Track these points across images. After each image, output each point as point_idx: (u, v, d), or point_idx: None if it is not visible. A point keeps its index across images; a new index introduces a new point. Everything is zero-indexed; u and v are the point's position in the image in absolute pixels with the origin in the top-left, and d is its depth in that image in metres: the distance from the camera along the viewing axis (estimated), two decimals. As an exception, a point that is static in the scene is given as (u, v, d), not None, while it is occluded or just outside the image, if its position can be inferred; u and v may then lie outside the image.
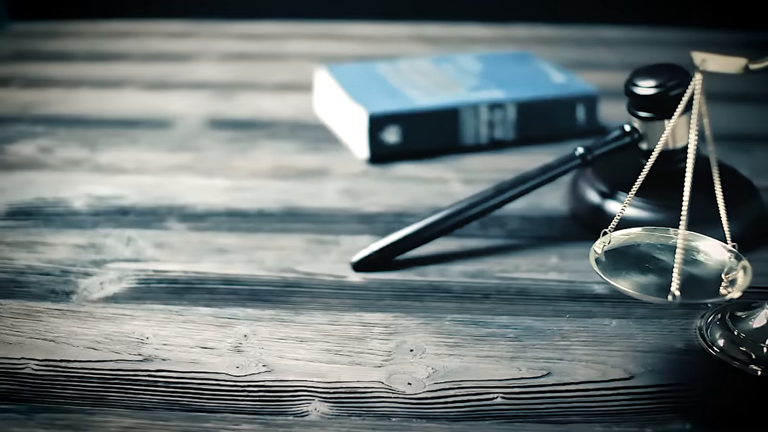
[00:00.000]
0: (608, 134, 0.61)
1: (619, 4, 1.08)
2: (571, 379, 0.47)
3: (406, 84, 0.75)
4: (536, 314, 0.52)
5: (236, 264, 0.57)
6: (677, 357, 0.49)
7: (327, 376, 0.47)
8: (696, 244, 0.48)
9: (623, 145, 0.61)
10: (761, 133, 0.78)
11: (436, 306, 0.53)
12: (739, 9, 1.05)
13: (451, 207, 0.58)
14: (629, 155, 0.64)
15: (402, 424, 0.44)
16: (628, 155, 0.64)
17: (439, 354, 0.49)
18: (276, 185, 0.67)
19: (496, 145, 0.74)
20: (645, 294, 0.44)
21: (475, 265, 0.57)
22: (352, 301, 0.53)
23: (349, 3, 1.10)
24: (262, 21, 1.08)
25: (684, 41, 1.05)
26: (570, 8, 1.09)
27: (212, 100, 0.84)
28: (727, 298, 0.44)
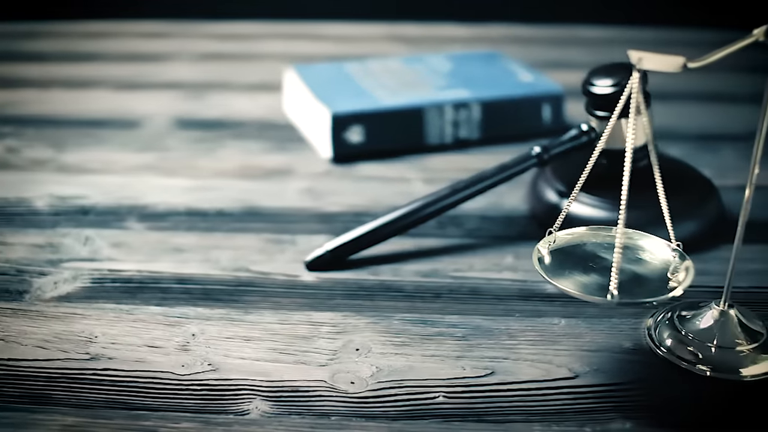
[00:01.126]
0: (565, 134, 0.61)
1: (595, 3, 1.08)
2: (515, 379, 0.47)
3: (373, 84, 0.76)
4: (486, 314, 0.52)
5: (191, 263, 0.57)
6: (624, 357, 0.49)
7: (271, 375, 0.47)
8: (640, 244, 0.48)
9: (580, 145, 0.61)
10: (730, 132, 0.78)
11: (387, 305, 0.53)
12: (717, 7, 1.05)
13: (406, 206, 0.58)
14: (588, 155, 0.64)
15: (341, 422, 0.44)
16: (588, 155, 0.64)
17: (384, 353, 0.49)
18: (238, 185, 0.67)
19: (461, 145, 0.74)
20: (585, 293, 0.44)
21: (430, 264, 0.57)
22: (302, 301, 0.53)
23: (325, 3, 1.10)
24: (239, 21, 1.08)
25: (659, 40, 1.05)
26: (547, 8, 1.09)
27: (182, 100, 0.84)
28: (668, 297, 0.43)
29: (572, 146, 0.61)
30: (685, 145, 0.76)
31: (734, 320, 0.50)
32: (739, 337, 0.49)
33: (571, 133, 0.61)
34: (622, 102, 0.43)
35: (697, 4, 1.05)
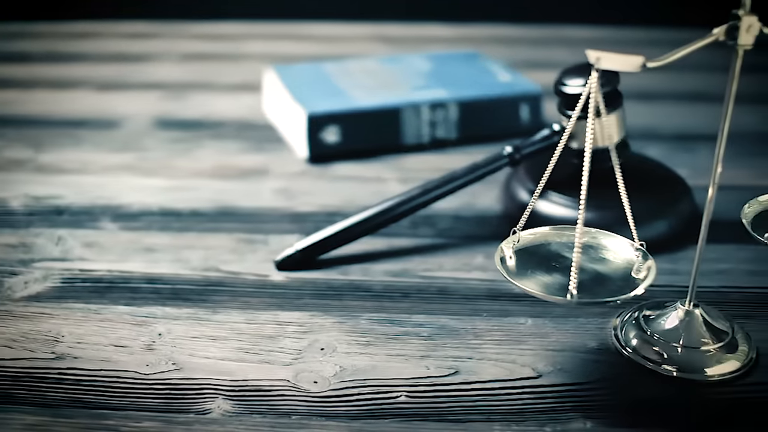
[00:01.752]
0: (537, 133, 0.61)
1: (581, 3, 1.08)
2: (478, 378, 0.47)
3: (351, 84, 0.76)
4: (453, 313, 0.52)
5: (162, 263, 0.57)
6: (588, 356, 0.49)
7: (235, 375, 0.47)
8: (604, 243, 0.47)
9: (552, 145, 0.61)
10: (708, 132, 0.78)
11: (355, 305, 0.53)
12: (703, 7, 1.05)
13: (376, 206, 0.58)
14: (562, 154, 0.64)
15: (301, 422, 0.44)
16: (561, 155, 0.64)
17: (349, 353, 0.49)
18: (214, 185, 0.67)
19: (438, 145, 0.74)
20: (546, 293, 0.43)
21: (400, 264, 0.57)
22: (271, 300, 0.53)
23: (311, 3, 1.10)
24: (223, 21, 1.08)
25: (645, 40, 1.05)
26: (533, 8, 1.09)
27: (163, 101, 0.84)
28: (629, 296, 0.43)
29: (544, 146, 0.61)
30: (663, 145, 0.76)
31: (699, 320, 0.49)
32: (705, 337, 0.49)
33: (542, 133, 0.61)
34: (581, 103, 0.43)
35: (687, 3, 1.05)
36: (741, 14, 0.42)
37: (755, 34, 0.43)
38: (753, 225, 0.50)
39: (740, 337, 0.50)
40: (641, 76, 0.95)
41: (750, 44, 0.43)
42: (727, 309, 0.53)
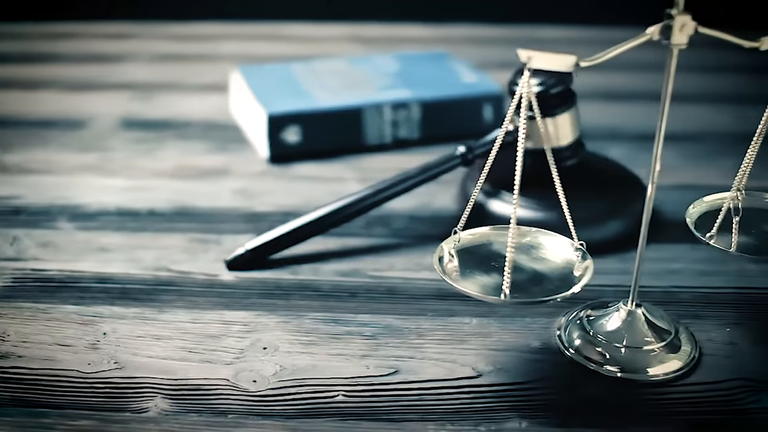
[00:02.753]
0: (490, 133, 0.61)
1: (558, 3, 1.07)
2: (417, 378, 0.47)
3: (315, 84, 0.76)
4: (399, 313, 0.52)
5: (114, 263, 0.57)
6: (530, 356, 0.49)
7: (175, 374, 0.47)
8: (544, 243, 0.47)
9: (505, 144, 0.61)
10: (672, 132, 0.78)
11: (301, 305, 0.53)
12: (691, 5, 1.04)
13: (327, 206, 0.58)
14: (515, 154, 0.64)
15: (237, 421, 0.44)
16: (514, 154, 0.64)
17: (291, 352, 0.49)
18: (174, 185, 0.67)
19: (400, 145, 0.74)
20: (483, 293, 0.43)
21: (350, 264, 0.57)
22: (218, 300, 0.53)
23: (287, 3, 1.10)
24: (199, 22, 1.08)
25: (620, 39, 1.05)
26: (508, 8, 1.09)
27: (131, 101, 0.84)
28: (564, 296, 0.43)
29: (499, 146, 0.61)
30: (626, 145, 0.75)
31: (642, 320, 0.49)
32: (647, 337, 0.49)
33: (495, 132, 0.62)
34: (514, 102, 0.43)
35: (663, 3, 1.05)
36: (674, 13, 0.43)
37: (689, 33, 0.43)
38: (698, 225, 0.50)
39: (684, 336, 0.50)
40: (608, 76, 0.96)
41: (684, 43, 0.43)
42: (675, 309, 0.53)
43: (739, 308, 0.53)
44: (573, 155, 0.62)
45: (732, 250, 0.47)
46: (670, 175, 0.70)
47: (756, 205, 0.52)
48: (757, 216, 0.51)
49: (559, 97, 0.59)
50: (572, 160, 0.61)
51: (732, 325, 0.52)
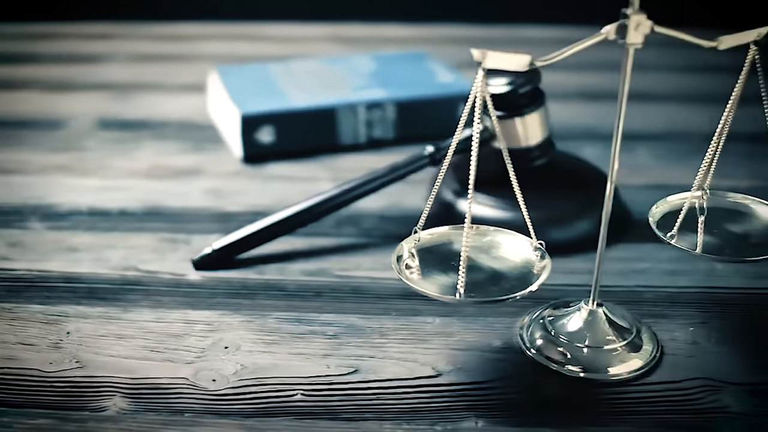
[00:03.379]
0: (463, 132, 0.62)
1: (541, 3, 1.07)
2: (377, 377, 0.47)
3: (291, 85, 0.76)
4: (363, 312, 0.52)
5: (83, 263, 0.57)
6: (491, 356, 0.49)
7: (136, 373, 0.47)
8: (504, 242, 0.47)
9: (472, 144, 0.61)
10: (648, 132, 0.78)
11: (266, 304, 0.53)
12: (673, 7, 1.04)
13: (294, 206, 0.58)
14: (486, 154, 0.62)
15: (194, 419, 0.44)
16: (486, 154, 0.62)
17: (252, 351, 0.49)
18: (147, 185, 0.67)
19: (375, 145, 0.74)
20: (439, 292, 0.43)
21: (317, 263, 0.57)
22: (183, 299, 0.53)
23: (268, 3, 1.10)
24: (181, 22, 1.08)
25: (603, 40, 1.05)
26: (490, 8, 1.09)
27: (110, 101, 0.84)
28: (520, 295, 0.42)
29: (465, 146, 0.61)
30: (602, 144, 0.75)
31: (603, 319, 0.49)
32: (609, 336, 0.49)
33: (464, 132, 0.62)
34: (469, 102, 0.43)
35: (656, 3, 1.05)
36: (629, 13, 0.43)
37: (645, 32, 0.43)
38: (662, 225, 0.50)
39: (646, 336, 0.50)
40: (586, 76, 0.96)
41: (639, 43, 0.43)
42: (640, 308, 0.53)
43: (704, 308, 0.53)
44: (543, 155, 0.62)
45: (694, 250, 0.47)
46: (642, 174, 0.70)
47: (720, 205, 0.52)
48: (721, 215, 0.52)
49: (527, 97, 0.59)
50: (542, 160, 0.61)
51: (697, 324, 0.52)
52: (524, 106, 0.59)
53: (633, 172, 0.71)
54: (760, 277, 0.56)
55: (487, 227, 0.48)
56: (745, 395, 0.46)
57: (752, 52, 0.46)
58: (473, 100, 0.43)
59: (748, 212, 0.51)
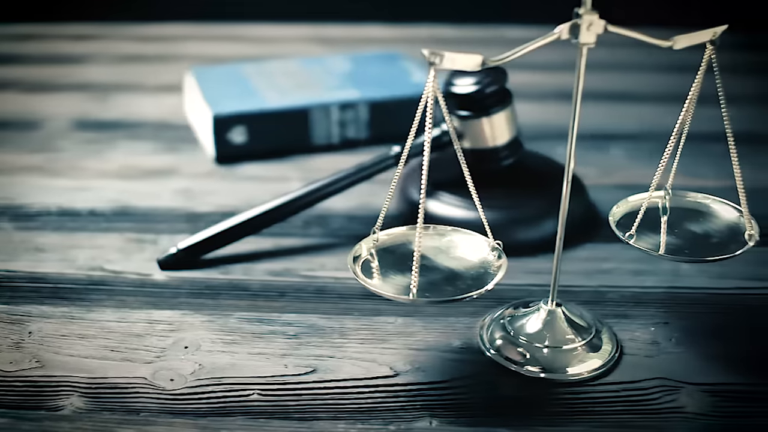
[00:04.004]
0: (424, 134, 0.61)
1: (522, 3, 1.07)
2: (334, 377, 0.47)
3: (266, 85, 0.76)
4: (325, 312, 0.52)
5: (49, 263, 0.57)
6: (450, 356, 0.49)
7: (95, 372, 0.47)
8: (461, 242, 0.47)
9: (441, 144, 0.61)
10: (622, 131, 0.77)
11: (228, 304, 0.53)
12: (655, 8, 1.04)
13: (260, 207, 0.58)
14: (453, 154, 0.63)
15: (148, 419, 0.44)
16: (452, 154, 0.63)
17: (212, 351, 0.49)
18: (118, 185, 0.67)
19: (348, 145, 0.74)
20: (393, 292, 0.43)
21: (283, 263, 0.57)
22: (147, 299, 0.53)
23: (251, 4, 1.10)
24: (163, 23, 1.07)
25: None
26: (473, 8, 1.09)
27: (88, 102, 0.84)
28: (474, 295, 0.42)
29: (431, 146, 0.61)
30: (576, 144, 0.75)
31: (561, 319, 0.49)
32: (567, 336, 0.49)
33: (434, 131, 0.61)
34: (422, 103, 0.43)
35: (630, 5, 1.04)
36: (581, 12, 0.43)
37: (598, 32, 0.43)
38: (622, 225, 0.49)
39: (606, 336, 0.50)
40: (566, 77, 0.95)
41: (592, 42, 0.43)
42: (603, 309, 0.53)
43: (668, 308, 0.53)
44: (510, 155, 0.62)
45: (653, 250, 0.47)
46: (615, 174, 0.70)
47: (681, 205, 0.52)
48: (682, 215, 0.51)
49: (494, 97, 0.59)
50: (509, 160, 0.61)
51: (659, 324, 0.52)
52: (491, 106, 0.59)
53: (606, 172, 0.71)
54: (726, 277, 0.56)
55: (444, 227, 0.49)
56: (702, 395, 0.46)
57: (708, 51, 0.47)
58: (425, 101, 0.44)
59: (709, 212, 0.51)
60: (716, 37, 0.46)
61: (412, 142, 0.61)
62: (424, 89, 0.43)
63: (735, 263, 0.57)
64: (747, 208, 0.48)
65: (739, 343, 0.50)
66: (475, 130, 0.60)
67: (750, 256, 0.59)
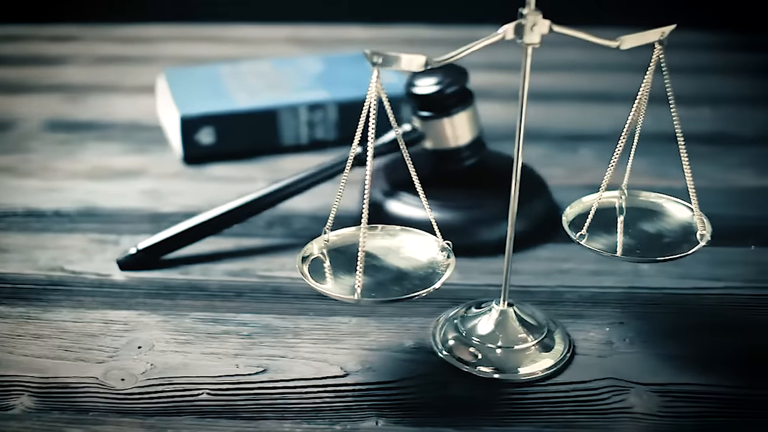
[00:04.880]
0: (387, 134, 0.60)
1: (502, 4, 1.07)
2: (284, 377, 0.47)
3: (237, 86, 0.75)
4: (280, 312, 0.52)
5: (10, 263, 0.57)
6: (402, 356, 0.49)
7: (48, 372, 0.47)
8: (410, 242, 0.47)
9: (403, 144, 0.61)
10: (593, 132, 0.77)
11: (185, 304, 0.53)
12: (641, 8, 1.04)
13: (220, 207, 0.58)
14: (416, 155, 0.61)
15: (97, 418, 0.44)
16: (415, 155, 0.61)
17: (165, 351, 0.49)
18: (86, 186, 0.67)
19: (317, 146, 0.74)
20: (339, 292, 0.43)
21: (243, 263, 0.57)
22: (105, 299, 0.54)
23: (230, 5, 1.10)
24: (142, 24, 1.07)
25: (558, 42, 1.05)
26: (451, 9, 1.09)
27: (62, 103, 0.84)
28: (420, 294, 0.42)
29: (393, 146, 0.60)
30: (546, 145, 0.75)
31: (513, 319, 0.49)
32: (519, 336, 0.49)
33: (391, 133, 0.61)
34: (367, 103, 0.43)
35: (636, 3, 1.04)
36: (525, 12, 0.43)
37: (543, 32, 0.43)
38: (575, 225, 0.49)
39: (558, 336, 0.50)
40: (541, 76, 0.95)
41: (536, 42, 0.43)
42: (558, 309, 0.53)
43: (624, 308, 0.53)
44: (472, 155, 0.62)
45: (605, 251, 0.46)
46: (583, 175, 0.70)
47: (636, 205, 0.52)
48: (636, 215, 0.51)
49: (455, 97, 0.59)
50: (471, 160, 0.62)
51: (614, 324, 0.52)
52: (452, 107, 0.59)
53: (574, 172, 0.71)
54: (685, 277, 0.56)
55: (394, 227, 0.49)
56: (651, 396, 0.46)
57: (656, 51, 0.47)
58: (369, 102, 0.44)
59: (662, 211, 0.51)
60: (664, 37, 0.46)
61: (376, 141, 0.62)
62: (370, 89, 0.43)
63: (695, 263, 0.58)
64: (698, 207, 0.48)
65: (692, 344, 0.50)
66: (436, 131, 0.60)
67: (710, 255, 0.59)
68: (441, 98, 0.59)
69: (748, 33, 1.03)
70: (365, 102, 0.43)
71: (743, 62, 0.96)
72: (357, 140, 0.44)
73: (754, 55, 0.98)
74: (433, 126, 0.60)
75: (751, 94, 0.87)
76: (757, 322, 0.52)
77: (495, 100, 0.83)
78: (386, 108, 0.43)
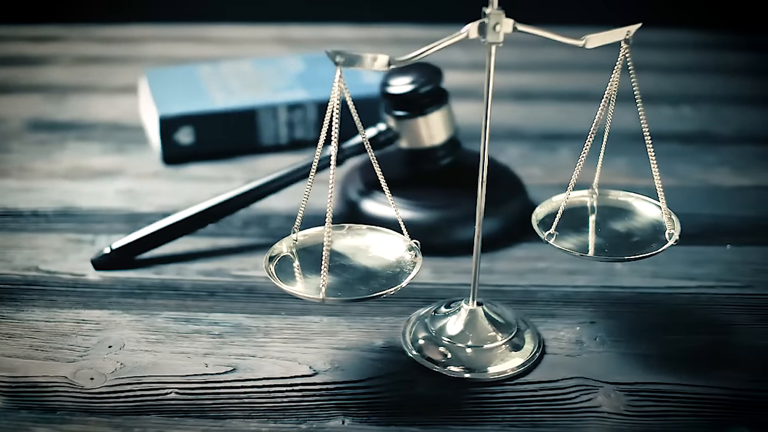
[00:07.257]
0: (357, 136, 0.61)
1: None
2: (253, 376, 0.47)
3: (217, 86, 0.75)
4: (252, 312, 0.53)
5: (-15, 263, 0.59)
6: (371, 355, 0.49)
7: (17, 371, 0.47)
8: (378, 242, 0.47)
9: (376, 144, 0.61)
10: (573, 131, 0.77)
11: (157, 304, 0.53)
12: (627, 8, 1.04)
13: (194, 207, 0.58)
14: (391, 154, 0.62)
15: (64, 417, 0.44)
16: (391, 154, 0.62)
17: (135, 350, 0.49)
18: (63, 186, 0.67)
19: (296, 146, 0.74)
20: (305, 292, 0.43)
21: (217, 263, 0.57)
22: (78, 299, 0.54)
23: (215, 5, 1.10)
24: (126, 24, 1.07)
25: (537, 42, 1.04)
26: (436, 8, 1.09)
27: (44, 104, 0.83)
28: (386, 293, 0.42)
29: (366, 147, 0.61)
30: (525, 144, 0.75)
31: (482, 318, 0.50)
32: (489, 334, 0.49)
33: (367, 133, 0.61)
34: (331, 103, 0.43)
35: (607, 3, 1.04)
36: (488, 11, 0.43)
37: (506, 31, 0.43)
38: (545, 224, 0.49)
39: (528, 335, 0.50)
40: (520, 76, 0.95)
41: (500, 41, 0.43)
42: (532, 308, 0.53)
43: (597, 307, 0.54)
44: (447, 154, 0.62)
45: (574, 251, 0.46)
46: (561, 174, 0.70)
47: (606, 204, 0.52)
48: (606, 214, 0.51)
49: (429, 96, 0.59)
50: (446, 159, 0.62)
51: (585, 324, 0.52)
52: (426, 106, 0.59)
53: (552, 172, 0.71)
54: (658, 276, 0.57)
55: (361, 226, 0.49)
56: (619, 395, 0.46)
57: (623, 50, 0.47)
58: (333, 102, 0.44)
59: (633, 210, 0.51)
60: (630, 36, 0.46)
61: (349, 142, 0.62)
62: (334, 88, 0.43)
63: (669, 262, 0.59)
64: (666, 206, 0.48)
65: (662, 343, 0.50)
66: (411, 130, 0.60)
67: (684, 254, 0.60)
68: (415, 98, 0.59)
69: (730, 32, 1.03)
70: (329, 103, 0.43)
71: (725, 62, 0.96)
72: (322, 142, 0.44)
73: (736, 55, 0.98)
74: (407, 125, 0.60)
75: (733, 93, 0.87)
76: (728, 321, 0.52)
77: (477, 100, 0.83)
78: (351, 108, 0.43)
